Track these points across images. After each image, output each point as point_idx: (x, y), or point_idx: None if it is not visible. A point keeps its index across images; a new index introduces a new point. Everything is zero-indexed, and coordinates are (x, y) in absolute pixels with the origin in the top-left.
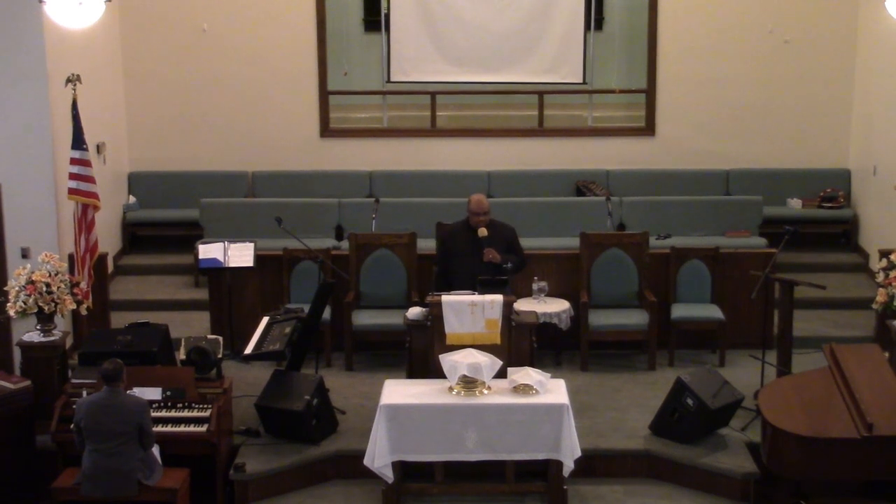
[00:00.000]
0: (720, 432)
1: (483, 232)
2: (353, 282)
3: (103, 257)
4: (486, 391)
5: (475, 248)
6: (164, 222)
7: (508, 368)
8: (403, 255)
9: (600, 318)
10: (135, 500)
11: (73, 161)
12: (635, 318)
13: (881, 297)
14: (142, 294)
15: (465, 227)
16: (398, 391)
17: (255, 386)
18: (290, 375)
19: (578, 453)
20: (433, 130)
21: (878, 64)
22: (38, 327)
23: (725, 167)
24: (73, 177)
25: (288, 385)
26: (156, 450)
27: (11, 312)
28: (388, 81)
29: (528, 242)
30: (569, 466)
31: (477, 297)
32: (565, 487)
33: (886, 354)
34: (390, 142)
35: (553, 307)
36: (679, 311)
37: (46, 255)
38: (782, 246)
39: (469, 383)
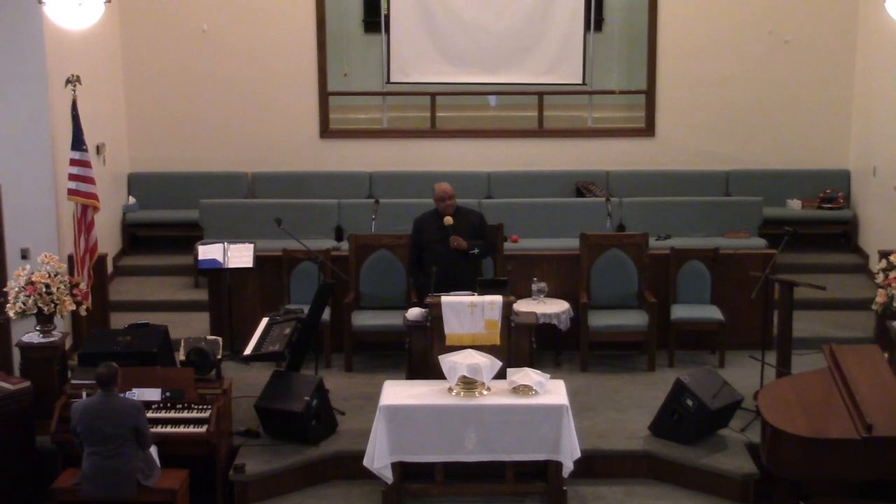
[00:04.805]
0: (720, 433)
1: (448, 220)
2: (353, 282)
3: (103, 258)
4: (485, 392)
5: (443, 236)
6: (163, 223)
7: (508, 369)
8: (403, 256)
9: (600, 319)
10: (134, 501)
11: (73, 162)
12: (635, 319)
13: (881, 297)
14: (141, 295)
15: (433, 215)
16: (398, 392)
17: (255, 387)
18: (289, 376)
19: (578, 454)
20: (433, 131)
21: (878, 64)
22: (37, 328)
23: (725, 168)
24: (72, 178)
25: (287, 386)
26: (153, 451)
27: (11, 313)
28: (388, 82)
29: (527, 243)
30: (568, 467)
31: (476, 298)
32: (565, 488)
33: (886, 355)
34: (390, 142)
35: (552, 308)
36: (679, 311)
37: (46, 256)
38: (782, 247)
39: (468, 384)
